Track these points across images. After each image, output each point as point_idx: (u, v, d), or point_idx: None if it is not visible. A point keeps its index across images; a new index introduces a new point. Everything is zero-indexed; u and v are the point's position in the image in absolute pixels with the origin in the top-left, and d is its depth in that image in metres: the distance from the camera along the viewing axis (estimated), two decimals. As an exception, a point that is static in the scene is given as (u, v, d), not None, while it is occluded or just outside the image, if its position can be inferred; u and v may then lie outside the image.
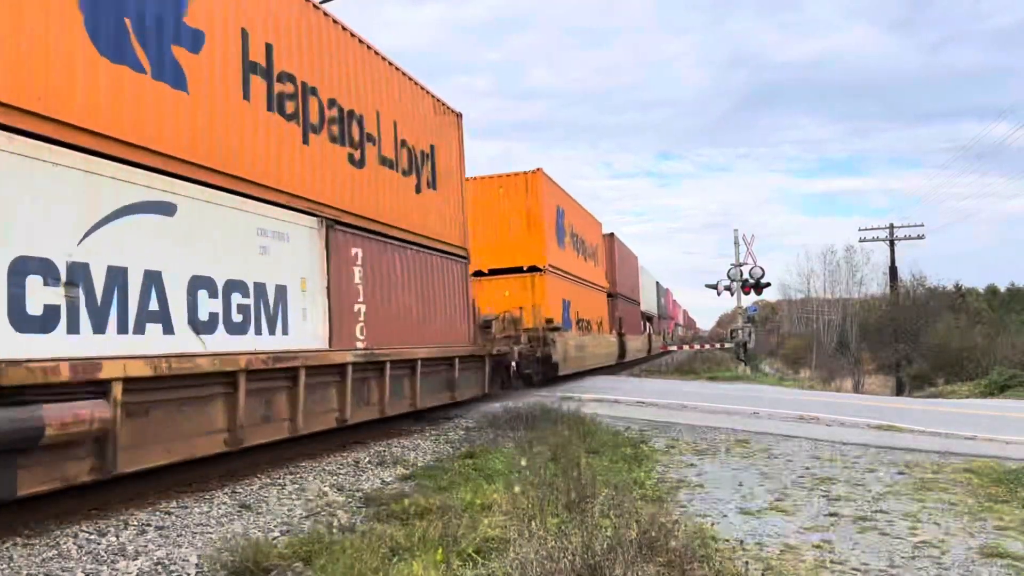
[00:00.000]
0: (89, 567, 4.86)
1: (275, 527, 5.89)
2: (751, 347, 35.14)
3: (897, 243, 46.58)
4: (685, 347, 52.50)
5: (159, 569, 4.82)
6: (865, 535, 5.48)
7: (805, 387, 28.01)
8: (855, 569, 4.71)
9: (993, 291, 68.20)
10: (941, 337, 39.50)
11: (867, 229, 47.72)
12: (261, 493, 7.11)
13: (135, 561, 4.96)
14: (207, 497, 6.87)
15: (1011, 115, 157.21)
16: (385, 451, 9.59)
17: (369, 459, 8.99)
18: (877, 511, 6.16)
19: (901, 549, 5.11)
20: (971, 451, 9.20)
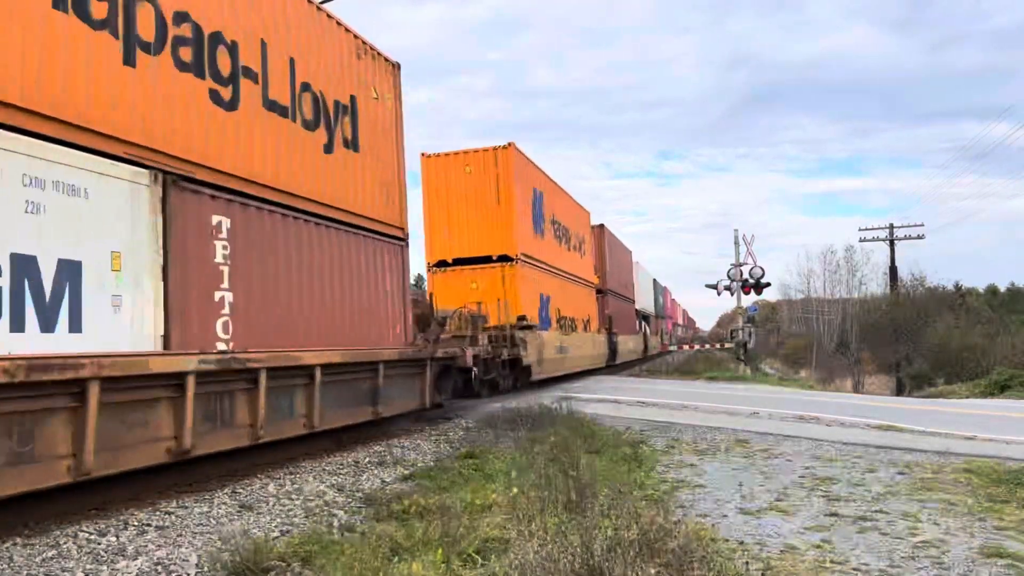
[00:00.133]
0: (89, 567, 4.86)
1: (275, 527, 5.89)
2: (751, 347, 35.13)
3: (897, 243, 46.68)
4: (685, 347, 52.60)
5: (159, 569, 4.82)
6: (865, 535, 5.48)
7: (805, 387, 28.01)
8: (855, 569, 4.71)
9: (993, 291, 68.26)
10: (941, 337, 39.53)
11: (867, 229, 47.84)
12: (261, 493, 7.11)
13: (135, 561, 4.96)
14: (207, 497, 6.87)
15: (1011, 115, 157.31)
16: (385, 451, 9.60)
17: (369, 459, 8.99)
18: (877, 511, 6.16)
19: (901, 549, 5.11)
20: (971, 451, 9.19)
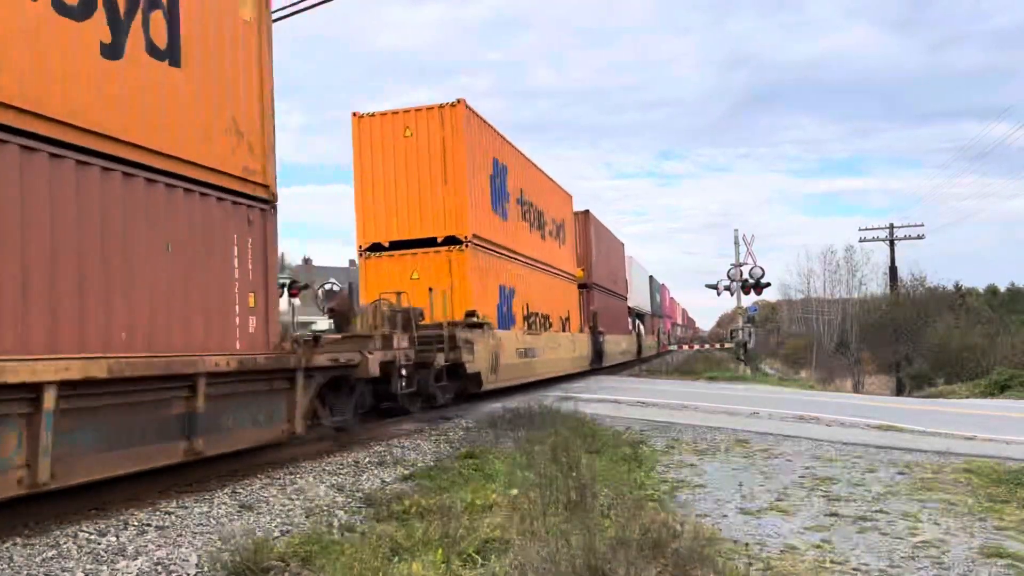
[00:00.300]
0: (89, 567, 4.86)
1: (275, 527, 5.89)
2: (751, 347, 35.13)
3: (897, 243, 46.75)
4: (685, 347, 52.64)
5: (159, 569, 4.82)
6: (865, 535, 5.48)
7: (805, 387, 28.01)
8: (855, 569, 4.71)
9: (993, 291, 68.25)
10: (941, 337, 39.55)
11: (867, 229, 47.90)
12: (261, 493, 7.11)
13: (135, 561, 4.96)
14: (207, 497, 6.87)
15: (1011, 115, 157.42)
16: (385, 451, 9.60)
17: (369, 459, 8.99)
18: (877, 511, 6.16)
19: (901, 549, 5.11)
20: (971, 451, 9.19)
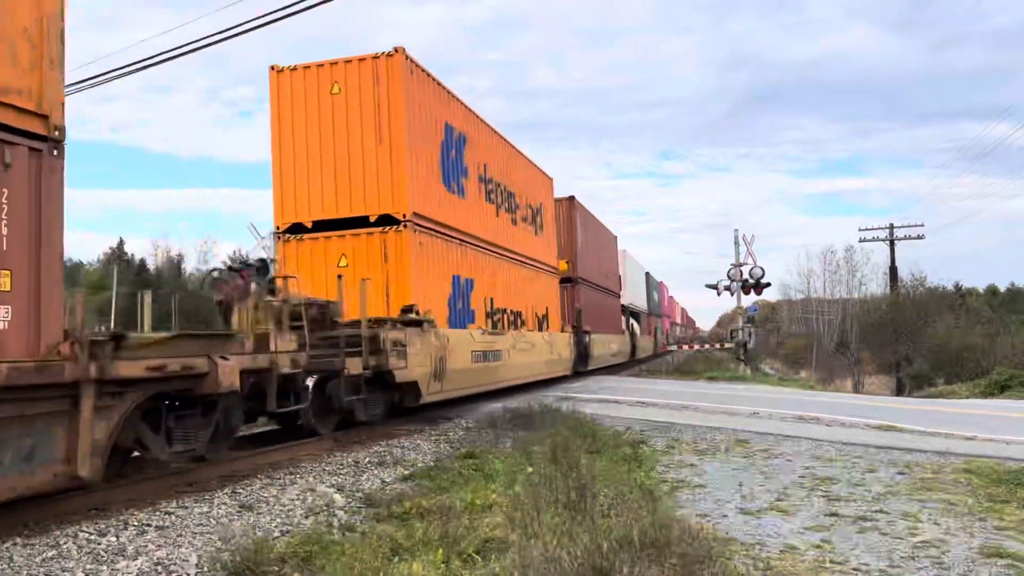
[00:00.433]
0: (89, 567, 4.86)
1: (275, 527, 5.88)
2: (751, 347, 35.11)
3: (897, 243, 46.69)
4: (685, 347, 52.65)
5: (159, 569, 4.82)
6: (865, 535, 5.48)
7: (805, 387, 28.00)
8: (855, 569, 4.71)
9: (993, 291, 68.37)
10: (941, 337, 39.54)
11: (867, 229, 47.85)
12: (261, 493, 7.11)
13: (135, 561, 4.96)
14: (207, 497, 6.87)
15: (1011, 115, 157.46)
16: (385, 451, 9.59)
17: (369, 459, 8.98)
18: (877, 511, 6.16)
19: (901, 549, 5.11)
20: (971, 451, 9.19)
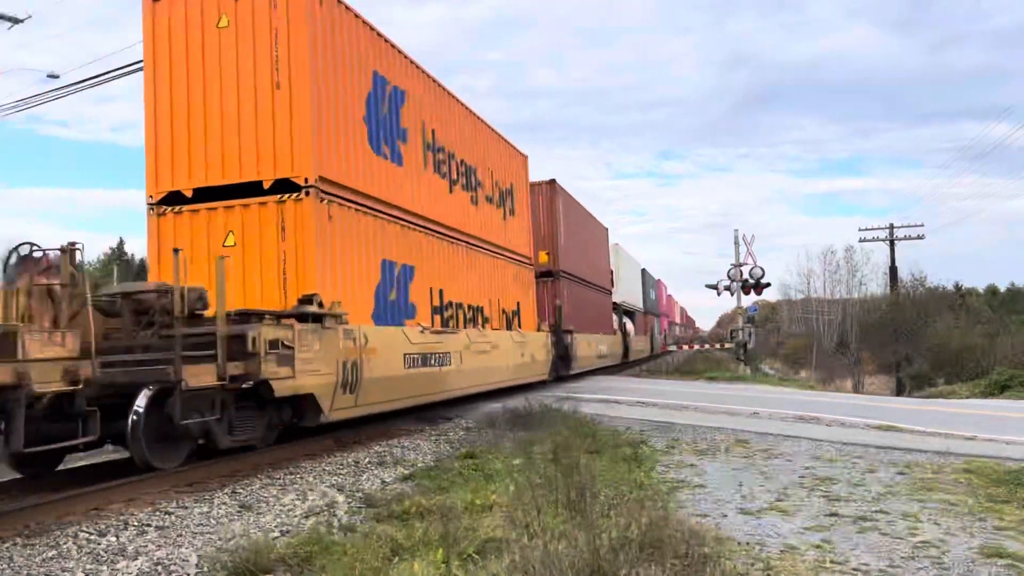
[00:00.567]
0: (89, 567, 4.86)
1: (275, 527, 5.88)
2: (751, 347, 35.10)
3: (897, 243, 46.67)
4: (684, 347, 52.63)
5: (159, 569, 4.82)
6: (865, 535, 5.48)
7: (805, 387, 28.00)
8: (855, 569, 4.70)
9: (993, 291, 68.31)
10: (941, 337, 39.52)
11: (867, 229, 47.81)
12: (261, 493, 7.11)
13: (135, 561, 4.96)
14: (207, 497, 6.86)
15: (1011, 115, 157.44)
16: (385, 451, 9.59)
17: (369, 459, 8.98)
18: (877, 511, 6.16)
19: (901, 549, 5.11)
20: (971, 451, 9.19)
